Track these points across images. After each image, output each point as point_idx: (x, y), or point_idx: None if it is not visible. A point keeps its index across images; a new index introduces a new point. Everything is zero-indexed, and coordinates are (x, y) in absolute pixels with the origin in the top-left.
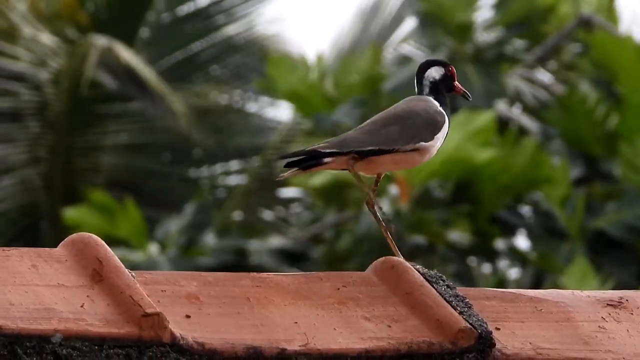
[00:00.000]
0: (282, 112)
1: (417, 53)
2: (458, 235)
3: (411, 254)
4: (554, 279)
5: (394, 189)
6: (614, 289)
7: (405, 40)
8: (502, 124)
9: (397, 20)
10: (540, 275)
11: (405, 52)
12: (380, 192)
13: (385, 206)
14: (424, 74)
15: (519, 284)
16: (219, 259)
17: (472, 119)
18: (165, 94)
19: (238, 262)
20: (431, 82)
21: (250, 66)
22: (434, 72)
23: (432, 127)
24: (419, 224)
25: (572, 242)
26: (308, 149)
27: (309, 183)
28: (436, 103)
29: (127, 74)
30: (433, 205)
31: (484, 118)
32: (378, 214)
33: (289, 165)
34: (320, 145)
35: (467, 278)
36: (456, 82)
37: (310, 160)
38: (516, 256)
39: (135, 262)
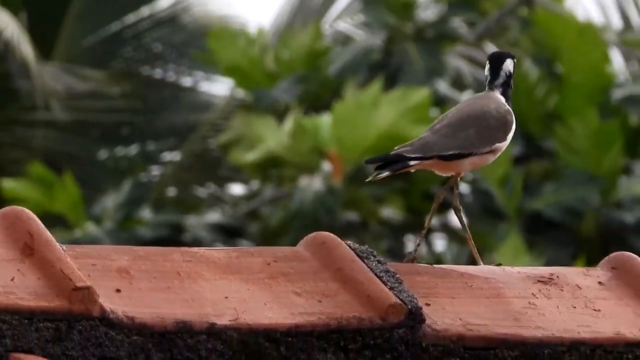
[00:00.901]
0: (217, 87)
1: (354, 31)
2: (391, 212)
3: (344, 231)
4: (491, 258)
5: (327, 166)
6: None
7: (341, 16)
8: (443, 103)
9: None
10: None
11: (344, 29)
12: (313, 168)
13: (318, 183)
14: (502, 65)
15: (456, 262)
16: (156, 233)
17: (408, 95)
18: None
19: (174, 237)
20: (507, 75)
21: (185, 40)
22: (511, 66)
23: (504, 127)
24: (352, 201)
25: (509, 221)
26: (393, 152)
27: (244, 159)
28: (503, 100)
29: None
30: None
31: (420, 95)
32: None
33: (378, 168)
34: (404, 149)
35: (400, 255)
36: None
37: (396, 164)
38: (450, 234)
39: (74, 237)
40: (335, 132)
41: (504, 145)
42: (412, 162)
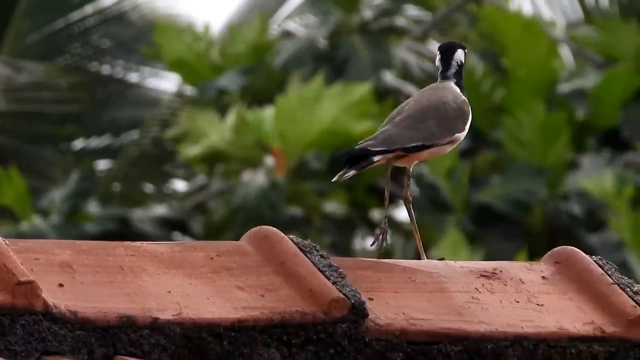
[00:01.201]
0: (165, 83)
1: (301, 27)
2: (334, 207)
3: (288, 226)
4: (435, 252)
5: (270, 161)
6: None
7: (291, 17)
8: (391, 94)
9: None
10: (424, 246)
11: (291, 27)
12: (256, 163)
13: (261, 177)
14: (453, 55)
15: (403, 256)
16: (103, 227)
17: (349, 90)
18: None
19: (121, 231)
20: (458, 65)
21: (133, 36)
22: (462, 56)
23: (462, 117)
24: (296, 196)
25: (456, 214)
26: (357, 147)
27: (188, 154)
28: (458, 90)
29: None
30: (310, 176)
31: (361, 90)
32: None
33: (345, 163)
34: (367, 142)
35: (344, 249)
36: None
37: (360, 159)
38: (395, 227)
39: (20, 231)
40: (278, 126)
41: (462, 135)
42: (376, 157)
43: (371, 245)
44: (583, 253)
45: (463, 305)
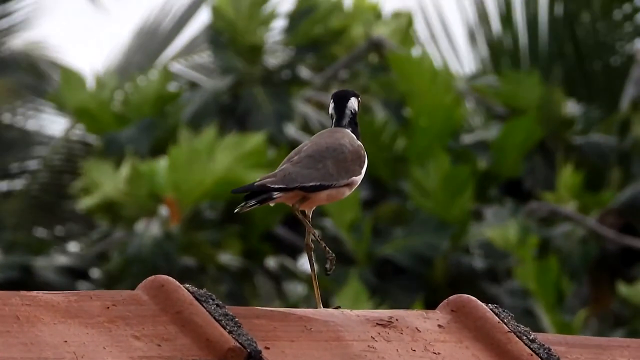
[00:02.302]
0: (64, 127)
1: (191, 72)
2: (229, 257)
3: (182, 276)
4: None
5: (164, 210)
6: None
7: (177, 57)
8: (293, 147)
9: (172, 36)
10: (325, 297)
11: (179, 70)
12: (151, 213)
13: (155, 228)
14: (346, 103)
15: (310, 305)
16: (5, 275)
17: (243, 141)
18: None
19: (24, 279)
20: (352, 113)
21: (28, 82)
22: (355, 104)
23: (358, 160)
24: (190, 245)
25: (358, 266)
26: (257, 183)
27: (84, 203)
28: (353, 136)
29: None
30: (204, 226)
31: (255, 140)
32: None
33: (245, 198)
34: (267, 179)
35: (239, 299)
36: None
37: (262, 195)
38: (293, 276)
39: None
40: (171, 177)
41: (359, 179)
42: (275, 194)
43: (327, 273)
44: (479, 301)
45: (359, 354)
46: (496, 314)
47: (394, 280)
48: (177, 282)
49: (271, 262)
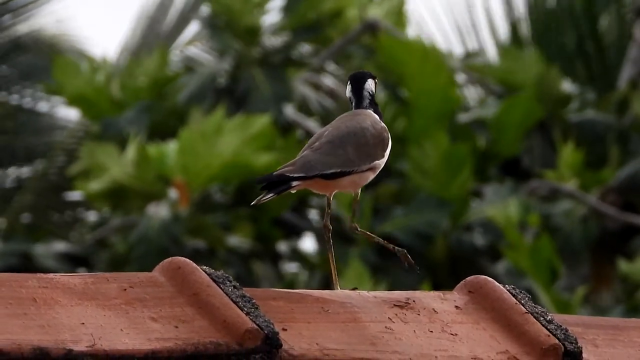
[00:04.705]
0: (72, 112)
1: (204, 56)
2: (238, 240)
3: (191, 258)
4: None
5: (173, 193)
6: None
7: (191, 42)
8: (291, 129)
9: (183, 22)
10: (328, 278)
11: (192, 55)
12: (160, 196)
13: (164, 210)
14: (363, 85)
15: (308, 287)
16: (5, 263)
17: (249, 123)
18: None
19: (24, 266)
20: (370, 94)
21: (40, 66)
22: (372, 85)
23: (381, 144)
24: (199, 228)
25: (359, 246)
26: (276, 173)
27: (89, 189)
28: (377, 117)
29: None
30: (213, 209)
31: (261, 122)
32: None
33: (263, 189)
34: (286, 168)
35: (249, 282)
36: None
37: (280, 184)
38: (300, 259)
39: None
40: (181, 160)
41: (382, 162)
42: (294, 183)
43: (418, 272)
44: (496, 282)
45: (376, 335)
46: (513, 295)
47: (395, 260)
48: (194, 264)
49: (281, 246)
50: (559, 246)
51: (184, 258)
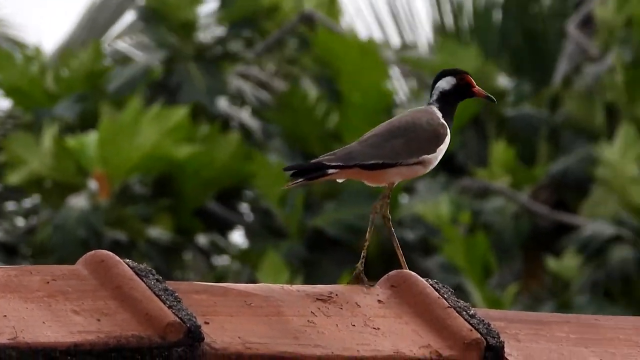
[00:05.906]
0: (3, 103)
1: (134, 50)
2: (158, 232)
3: (112, 250)
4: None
5: (93, 184)
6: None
7: (122, 35)
8: (225, 122)
9: (118, 14)
10: (249, 270)
11: (123, 48)
12: (79, 187)
13: (83, 201)
14: (436, 83)
15: (237, 281)
16: None
17: (167, 115)
18: None
19: None
20: (440, 93)
21: None
22: (445, 83)
23: (435, 139)
24: (119, 220)
25: (290, 240)
26: (313, 161)
27: (11, 180)
28: (439, 114)
29: None
30: (133, 200)
31: (179, 114)
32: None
33: (295, 175)
34: (326, 157)
35: (169, 275)
36: (476, 88)
37: (313, 172)
38: (223, 252)
39: None
40: (100, 151)
41: (433, 157)
42: (330, 171)
43: (352, 275)
44: (419, 277)
45: (299, 329)
46: (436, 289)
47: (326, 253)
48: (117, 257)
49: (201, 238)
50: (491, 243)
51: (107, 251)
